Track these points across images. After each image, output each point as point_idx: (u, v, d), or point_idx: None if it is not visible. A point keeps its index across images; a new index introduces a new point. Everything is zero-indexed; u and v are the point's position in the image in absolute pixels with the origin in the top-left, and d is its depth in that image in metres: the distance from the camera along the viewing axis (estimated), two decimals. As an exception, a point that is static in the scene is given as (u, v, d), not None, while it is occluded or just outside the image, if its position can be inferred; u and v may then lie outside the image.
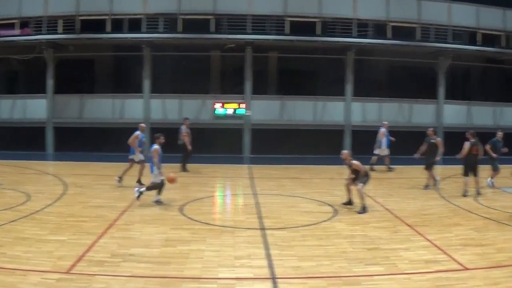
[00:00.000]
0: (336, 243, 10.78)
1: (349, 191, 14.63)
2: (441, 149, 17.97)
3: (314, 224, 12.45)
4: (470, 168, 16.87)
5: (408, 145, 21.97)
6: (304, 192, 16.60)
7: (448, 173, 20.77)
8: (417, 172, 21.21)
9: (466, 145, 16.68)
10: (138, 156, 17.07)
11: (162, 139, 14.83)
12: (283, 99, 27.02)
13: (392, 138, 22.08)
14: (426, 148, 18.26)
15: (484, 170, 17.61)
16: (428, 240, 11.22)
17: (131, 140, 17.06)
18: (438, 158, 17.86)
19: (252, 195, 16.04)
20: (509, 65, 30.14)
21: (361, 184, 14.03)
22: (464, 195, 16.57)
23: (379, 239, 11.26)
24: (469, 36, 27.26)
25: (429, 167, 18.15)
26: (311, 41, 25.86)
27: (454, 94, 30.49)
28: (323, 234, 11.50)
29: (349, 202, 14.57)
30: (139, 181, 16.56)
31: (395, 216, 13.59)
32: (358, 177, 14.21)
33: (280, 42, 25.98)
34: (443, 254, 10.18)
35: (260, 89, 27.55)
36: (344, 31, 25.75)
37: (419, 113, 28.22)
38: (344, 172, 21.44)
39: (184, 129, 20.33)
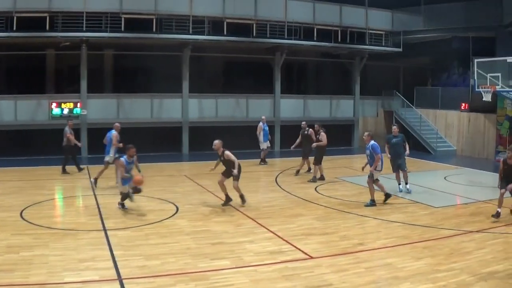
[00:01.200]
0: (180, 240, 11.16)
1: (223, 187, 14.56)
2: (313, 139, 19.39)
3: (157, 222, 12.76)
4: (321, 156, 18.51)
5: (245, 140, 23.06)
6: (145, 191, 16.72)
7: (286, 165, 21.94)
8: (255, 166, 22.29)
9: (324, 136, 18.49)
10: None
11: (132, 151, 14.47)
12: (120, 97, 26.80)
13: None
14: (301, 139, 19.96)
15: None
16: (272, 231, 11.90)
17: (114, 141, 17.26)
18: (313, 147, 19.05)
19: (92, 196, 15.95)
20: (344, 59, 32.22)
21: (235, 182, 14.23)
22: (320, 179, 18.39)
23: (223, 233, 11.77)
24: (306, 31, 28.48)
25: (305, 156, 19.83)
26: (147, 38, 25.94)
27: (291, 89, 32.08)
28: (166, 232, 11.83)
29: (228, 199, 14.59)
30: None
31: (237, 209, 14.17)
32: (229, 169, 14.19)
33: (115, 40, 25.69)
34: (288, 245, 10.86)
35: (96, 88, 27.13)
36: (180, 27, 26.05)
37: (256, 108, 29.14)
38: (184, 169, 22.12)
39: (68, 130, 19.76)
